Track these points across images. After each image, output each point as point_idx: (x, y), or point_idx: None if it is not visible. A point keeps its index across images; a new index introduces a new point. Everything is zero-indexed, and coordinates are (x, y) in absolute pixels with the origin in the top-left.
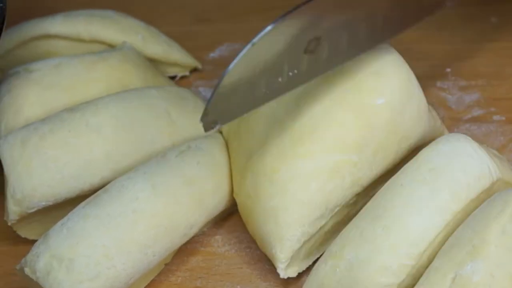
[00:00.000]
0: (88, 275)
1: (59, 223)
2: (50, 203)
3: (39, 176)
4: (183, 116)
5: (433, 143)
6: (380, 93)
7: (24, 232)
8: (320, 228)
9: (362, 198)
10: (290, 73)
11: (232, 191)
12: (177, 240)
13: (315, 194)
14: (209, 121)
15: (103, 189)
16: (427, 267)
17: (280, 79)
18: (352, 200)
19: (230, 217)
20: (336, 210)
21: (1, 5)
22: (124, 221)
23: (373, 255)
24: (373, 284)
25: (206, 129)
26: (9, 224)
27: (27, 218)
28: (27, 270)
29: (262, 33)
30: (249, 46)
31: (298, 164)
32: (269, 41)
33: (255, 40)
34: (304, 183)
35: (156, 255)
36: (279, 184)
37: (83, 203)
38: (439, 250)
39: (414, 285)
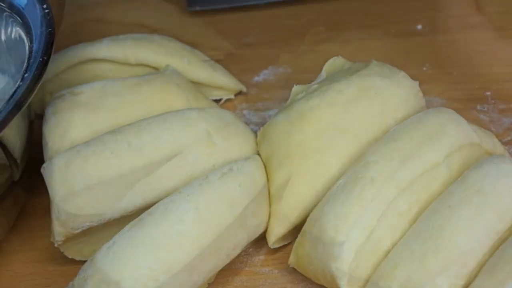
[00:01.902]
0: None
1: (105, 246)
2: (95, 224)
3: (83, 197)
4: (223, 138)
5: (478, 164)
6: None
7: (71, 253)
8: (373, 237)
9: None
10: None
11: None
12: (221, 261)
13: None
14: None
15: (147, 212)
16: None
17: None
18: (403, 207)
19: None
20: (378, 211)
21: (50, 29)
22: (170, 243)
23: (425, 277)
24: None
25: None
26: (56, 245)
27: (73, 239)
28: None
29: None
30: None
31: None
32: None
33: None
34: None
35: (200, 276)
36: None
37: (127, 227)
38: None
39: None
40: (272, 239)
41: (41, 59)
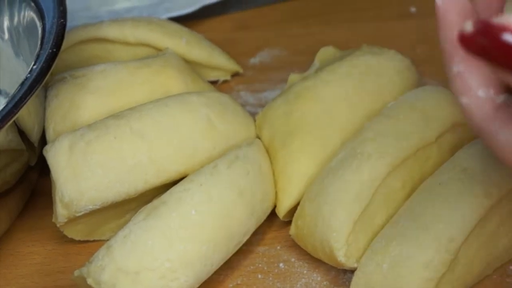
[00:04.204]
0: None
1: (121, 234)
2: (98, 207)
3: (86, 180)
4: (223, 121)
5: (466, 146)
6: None
7: (71, 232)
8: (369, 212)
9: (408, 183)
10: None
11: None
12: (232, 249)
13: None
14: None
15: (160, 199)
16: (461, 259)
17: None
18: (397, 184)
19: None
20: (374, 186)
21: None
22: (185, 234)
23: (417, 252)
24: (417, 279)
25: None
26: (58, 226)
27: (73, 220)
28: (90, 281)
29: None
30: None
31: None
32: None
33: None
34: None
35: (214, 265)
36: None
37: (142, 215)
38: (474, 242)
39: (451, 276)
40: (282, 213)
41: (50, 50)
